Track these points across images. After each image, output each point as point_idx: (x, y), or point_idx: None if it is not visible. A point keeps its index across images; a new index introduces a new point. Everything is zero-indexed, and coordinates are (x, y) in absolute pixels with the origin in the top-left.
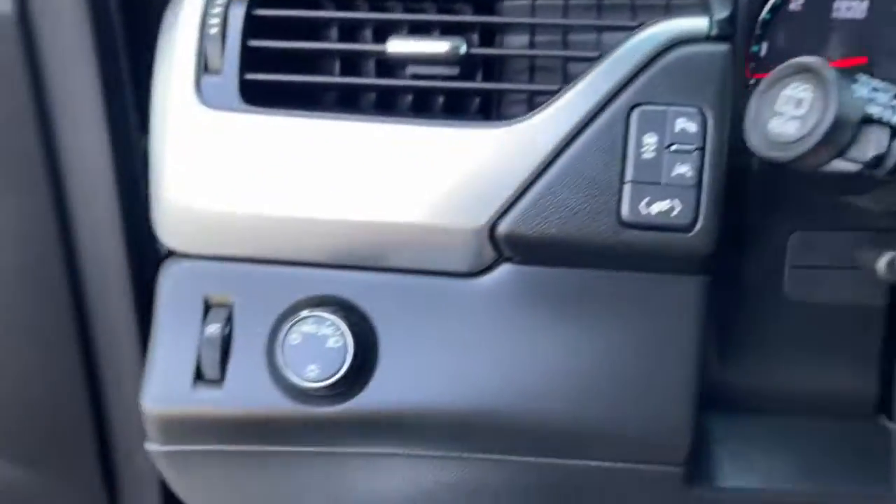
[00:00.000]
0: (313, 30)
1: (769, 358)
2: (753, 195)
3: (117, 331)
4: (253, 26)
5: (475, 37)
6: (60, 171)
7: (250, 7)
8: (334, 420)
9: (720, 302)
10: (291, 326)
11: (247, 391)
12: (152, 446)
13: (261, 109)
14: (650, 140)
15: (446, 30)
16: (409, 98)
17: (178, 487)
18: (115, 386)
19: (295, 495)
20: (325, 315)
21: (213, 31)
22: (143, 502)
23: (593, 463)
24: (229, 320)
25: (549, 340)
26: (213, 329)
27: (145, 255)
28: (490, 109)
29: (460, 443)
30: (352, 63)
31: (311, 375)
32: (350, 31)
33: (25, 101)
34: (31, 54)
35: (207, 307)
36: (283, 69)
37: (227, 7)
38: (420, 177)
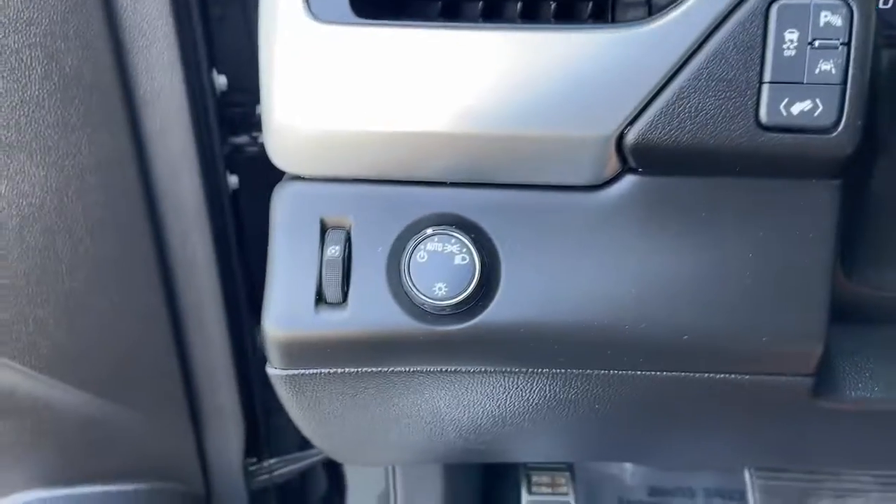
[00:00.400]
0: None
1: (892, 268)
2: (885, 97)
3: (197, 267)
4: None
5: None
6: (136, 108)
7: None
8: (458, 339)
9: (844, 209)
10: (417, 245)
11: (370, 312)
12: (273, 371)
13: (373, 21)
14: (791, 36)
15: None
16: (518, 6)
17: (296, 411)
18: (197, 321)
19: (413, 415)
20: (452, 232)
21: None
22: (226, 432)
23: (720, 376)
24: (347, 241)
25: (676, 252)
26: (334, 251)
27: (219, 189)
28: (604, 16)
29: (585, 359)
30: None
31: (440, 294)
32: None
33: (100, 35)
34: None
35: (324, 229)
36: None
37: None
38: (542, 86)
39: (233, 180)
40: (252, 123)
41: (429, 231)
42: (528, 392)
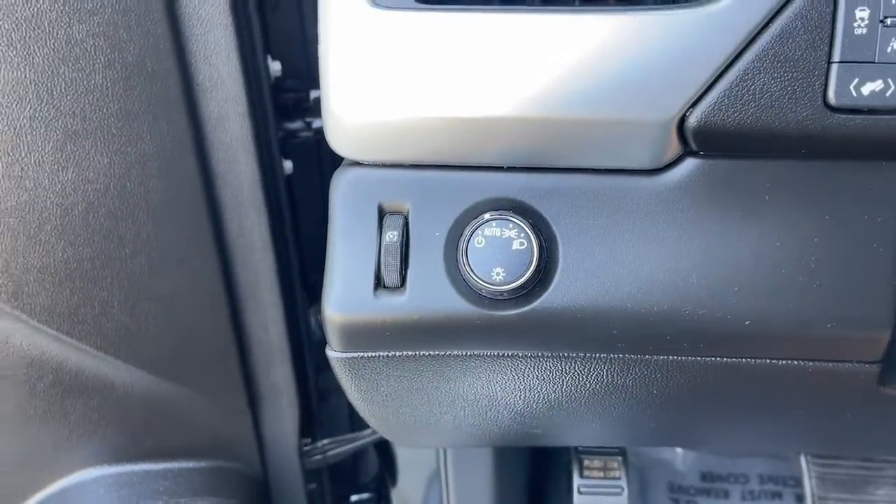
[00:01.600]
0: None
1: None
2: None
3: (253, 250)
4: None
5: None
6: (195, 96)
7: None
8: (515, 323)
9: None
10: (475, 230)
11: (428, 297)
12: (333, 353)
13: (433, 7)
14: (862, 14)
15: None
16: None
17: (354, 393)
18: (254, 303)
19: (468, 398)
20: (510, 217)
21: None
22: (281, 413)
23: (783, 362)
24: (405, 226)
25: (739, 236)
26: (392, 236)
27: (275, 173)
28: None
29: (643, 345)
30: None
31: (498, 279)
32: None
33: (159, 23)
34: None
35: (382, 214)
36: None
37: None
38: (602, 68)
39: (287, 165)
40: (305, 109)
41: (486, 216)
42: (585, 377)
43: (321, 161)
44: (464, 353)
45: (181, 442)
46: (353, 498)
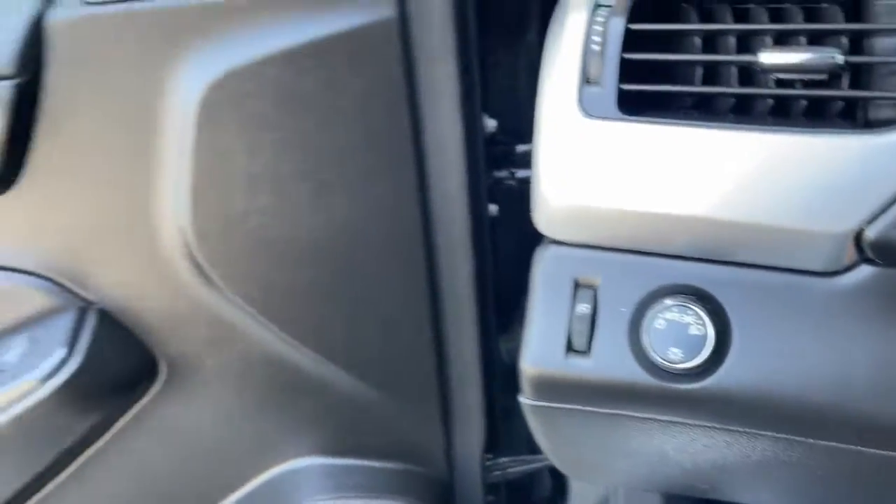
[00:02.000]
0: (672, 40)
1: None
2: None
3: (459, 281)
4: (628, 40)
5: (843, 40)
6: (423, 152)
7: (628, 21)
8: (687, 396)
9: None
10: (657, 312)
11: (611, 363)
12: (525, 400)
13: (636, 118)
14: None
15: (812, 35)
16: (770, 102)
17: (540, 434)
18: (456, 328)
19: (642, 452)
20: (690, 304)
21: (595, 45)
22: (470, 427)
23: None
24: (595, 299)
25: None
26: (583, 308)
27: (482, 217)
28: (854, 112)
29: (807, 429)
30: (713, 71)
31: (674, 358)
32: (713, 40)
33: (400, 93)
34: (406, 52)
35: (576, 287)
36: (643, 78)
37: (607, 22)
38: (785, 182)
39: (492, 208)
40: (511, 160)
41: (668, 301)
42: (750, 450)
43: (522, 206)
44: (640, 416)
45: (379, 443)
46: None
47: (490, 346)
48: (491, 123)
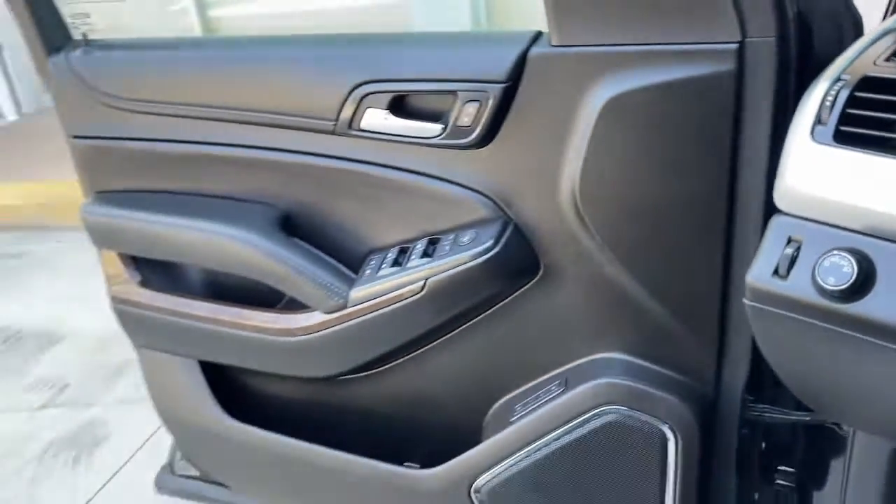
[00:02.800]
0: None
1: None
2: None
3: (748, 239)
4: (853, 100)
5: None
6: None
7: (852, 90)
8: (842, 314)
9: None
10: (827, 258)
11: (797, 285)
12: (746, 301)
13: (842, 146)
14: None
15: None
16: None
17: (759, 336)
18: (740, 276)
19: (828, 362)
20: (845, 255)
21: (828, 102)
22: (738, 364)
23: None
24: (797, 249)
25: None
26: (789, 251)
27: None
28: None
29: None
30: None
31: (830, 283)
32: None
33: (726, 139)
34: (738, 100)
35: (789, 240)
36: (864, 125)
37: (840, 88)
38: None
39: None
40: None
41: (835, 252)
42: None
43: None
44: (810, 321)
45: (665, 353)
46: (781, 466)
47: None
48: None
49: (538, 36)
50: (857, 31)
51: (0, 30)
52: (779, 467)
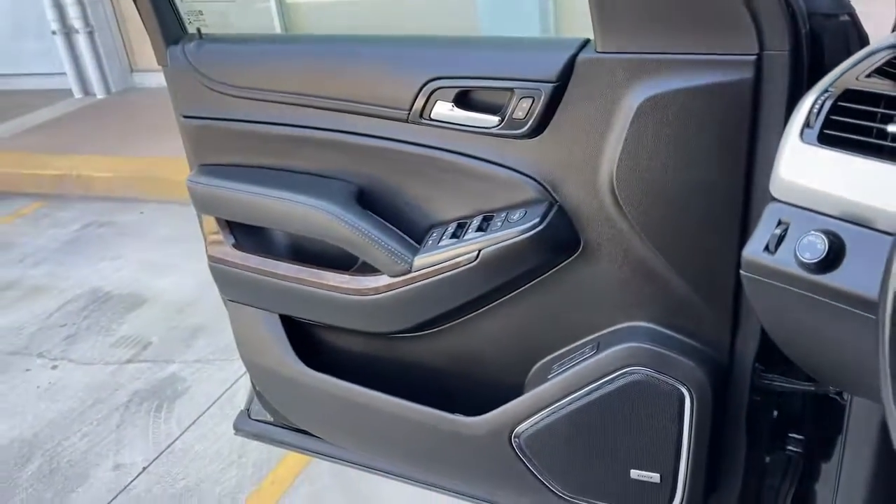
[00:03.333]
0: (862, 115)
1: None
2: None
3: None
4: (836, 108)
5: None
6: (755, 139)
7: (836, 101)
8: (818, 283)
9: None
10: (806, 237)
11: (781, 259)
12: (742, 272)
13: (825, 147)
14: None
15: None
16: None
17: (755, 303)
18: None
19: (810, 327)
20: (820, 235)
21: (815, 110)
22: (751, 333)
23: None
24: (785, 230)
25: None
26: (777, 231)
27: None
28: None
29: None
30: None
31: (806, 257)
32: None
33: (744, 138)
34: (754, 104)
35: (779, 222)
36: (846, 130)
37: (825, 100)
38: None
39: None
40: None
41: (812, 232)
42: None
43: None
44: (792, 289)
45: (685, 322)
46: (792, 434)
47: None
48: None
49: (585, 43)
50: (864, 47)
51: (91, 15)
52: (789, 434)
